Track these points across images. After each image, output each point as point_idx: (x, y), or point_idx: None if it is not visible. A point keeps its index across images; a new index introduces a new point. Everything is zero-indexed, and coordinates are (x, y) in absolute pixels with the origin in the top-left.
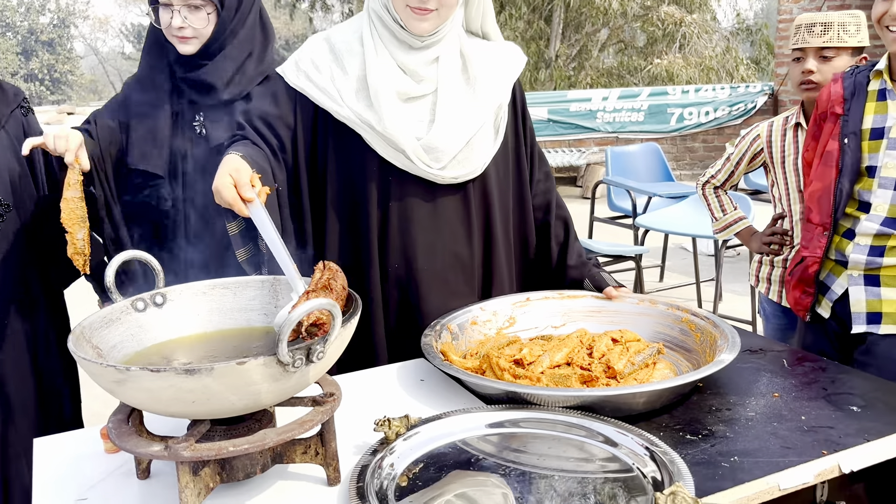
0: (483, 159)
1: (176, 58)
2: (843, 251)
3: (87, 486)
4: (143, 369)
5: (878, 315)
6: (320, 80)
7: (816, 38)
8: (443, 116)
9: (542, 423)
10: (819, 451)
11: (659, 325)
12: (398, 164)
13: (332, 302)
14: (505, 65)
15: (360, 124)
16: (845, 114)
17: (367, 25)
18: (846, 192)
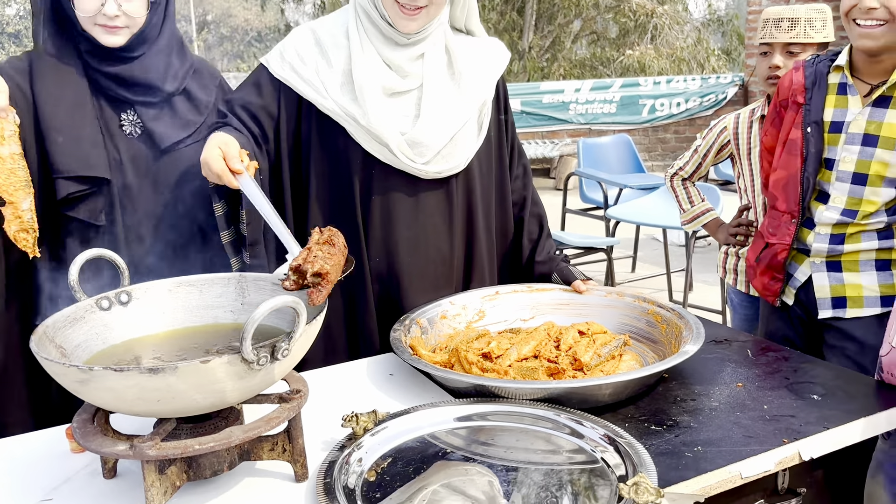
0: (466, 154)
1: (92, 48)
2: (803, 240)
3: (52, 487)
4: (106, 369)
5: (843, 299)
6: (305, 71)
7: (783, 33)
8: (427, 112)
9: (509, 416)
10: (780, 439)
11: (626, 317)
12: (382, 157)
13: (296, 299)
14: (489, 61)
15: (345, 117)
16: (807, 103)
17: (353, 20)
18: (812, 181)
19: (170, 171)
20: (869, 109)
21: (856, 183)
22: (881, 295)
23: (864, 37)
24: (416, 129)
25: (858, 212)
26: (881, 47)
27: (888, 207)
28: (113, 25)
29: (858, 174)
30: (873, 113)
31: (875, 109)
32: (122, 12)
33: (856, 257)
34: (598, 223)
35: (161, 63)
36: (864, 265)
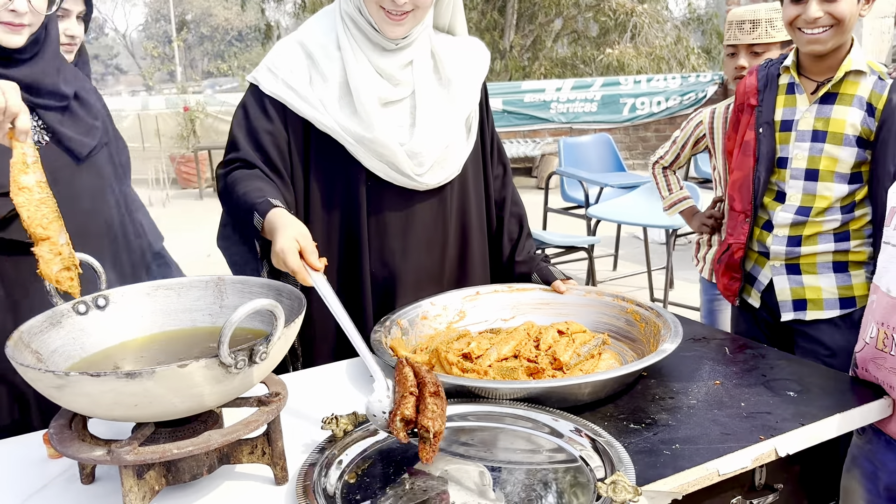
0: (460, 161)
1: None
2: (764, 242)
3: (30, 493)
4: (82, 374)
5: (803, 302)
6: (300, 87)
7: (746, 35)
8: (423, 120)
9: (489, 416)
10: (757, 436)
11: (605, 315)
12: (382, 175)
13: (273, 303)
14: (473, 63)
15: (344, 136)
16: (759, 105)
17: (341, 28)
18: (763, 180)
19: (86, 181)
20: (816, 107)
21: (809, 179)
22: (839, 297)
23: (811, 42)
24: (414, 139)
25: (812, 208)
26: (829, 50)
27: (843, 205)
28: (19, 23)
29: (810, 170)
30: (820, 110)
31: (822, 106)
32: (31, 8)
33: (813, 259)
34: (579, 222)
35: (56, 63)
36: (822, 267)
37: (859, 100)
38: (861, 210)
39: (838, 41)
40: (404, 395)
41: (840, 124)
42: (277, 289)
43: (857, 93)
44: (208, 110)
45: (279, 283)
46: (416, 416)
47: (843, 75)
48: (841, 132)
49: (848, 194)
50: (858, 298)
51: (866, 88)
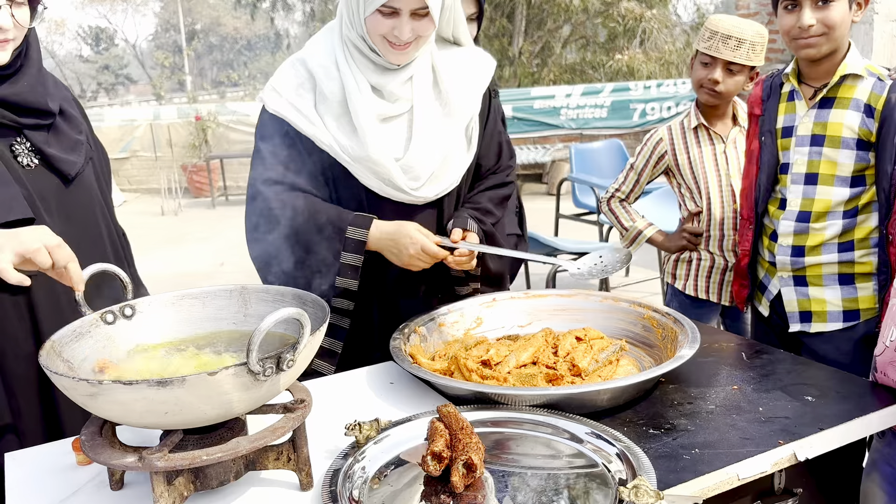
0: (458, 173)
1: None
2: (773, 252)
3: (60, 500)
4: (115, 382)
5: (809, 314)
6: (304, 106)
7: (730, 51)
8: (419, 135)
9: (509, 423)
10: (776, 440)
11: (622, 321)
12: (378, 191)
13: (300, 311)
14: (475, 74)
15: (342, 155)
16: (763, 114)
17: (340, 51)
18: (764, 187)
19: (77, 201)
20: (814, 111)
21: (808, 183)
22: (843, 310)
23: (805, 47)
24: (409, 153)
25: (812, 213)
26: (823, 55)
27: (845, 209)
28: (2, 39)
29: (810, 174)
30: (819, 114)
31: (820, 111)
32: (15, 23)
33: (819, 271)
34: (591, 228)
35: (40, 79)
36: (828, 279)
37: (857, 102)
38: (865, 216)
39: (832, 46)
40: (434, 439)
41: (837, 128)
42: (301, 297)
43: (854, 96)
44: (219, 119)
45: (302, 291)
46: (450, 453)
47: (840, 79)
48: (839, 135)
49: (850, 198)
50: (863, 311)
51: (865, 91)
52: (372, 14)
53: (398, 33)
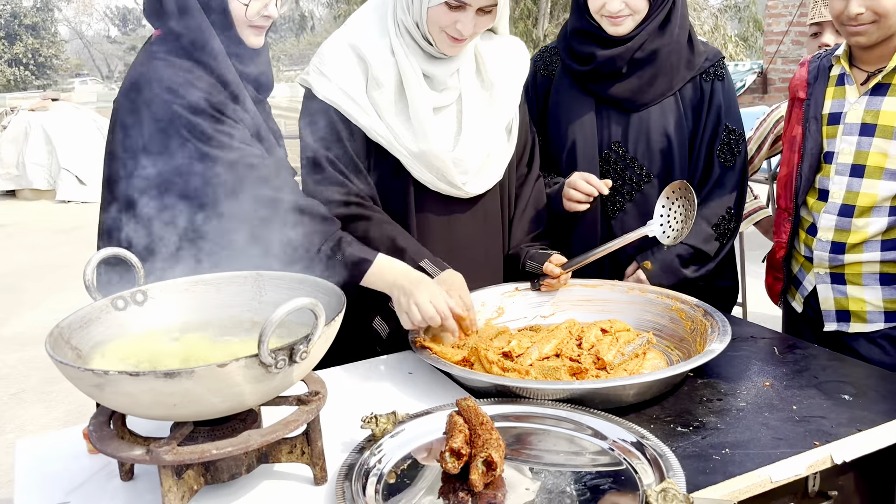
0: (502, 166)
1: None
2: (810, 247)
3: (70, 489)
4: (121, 373)
5: (847, 313)
6: (356, 93)
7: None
8: (468, 127)
9: (531, 417)
10: (811, 441)
11: (649, 313)
12: (430, 185)
13: (314, 301)
14: (515, 65)
15: (399, 149)
16: (808, 98)
17: (394, 33)
18: (805, 177)
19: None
20: (866, 98)
21: (854, 175)
22: (885, 310)
23: (854, 34)
24: (459, 146)
25: (855, 207)
26: (874, 42)
27: (893, 205)
28: (261, 26)
29: (856, 166)
30: (871, 101)
31: (872, 98)
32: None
33: (859, 269)
34: None
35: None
36: (868, 278)
37: None
38: None
39: (884, 34)
40: (453, 434)
41: (891, 117)
42: (317, 285)
43: None
44: None
45: (318, 279)
46: (469, 450)
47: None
48: (892, 125)
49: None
50: None
51: None
52: (438, 5)
53: (461, 28)
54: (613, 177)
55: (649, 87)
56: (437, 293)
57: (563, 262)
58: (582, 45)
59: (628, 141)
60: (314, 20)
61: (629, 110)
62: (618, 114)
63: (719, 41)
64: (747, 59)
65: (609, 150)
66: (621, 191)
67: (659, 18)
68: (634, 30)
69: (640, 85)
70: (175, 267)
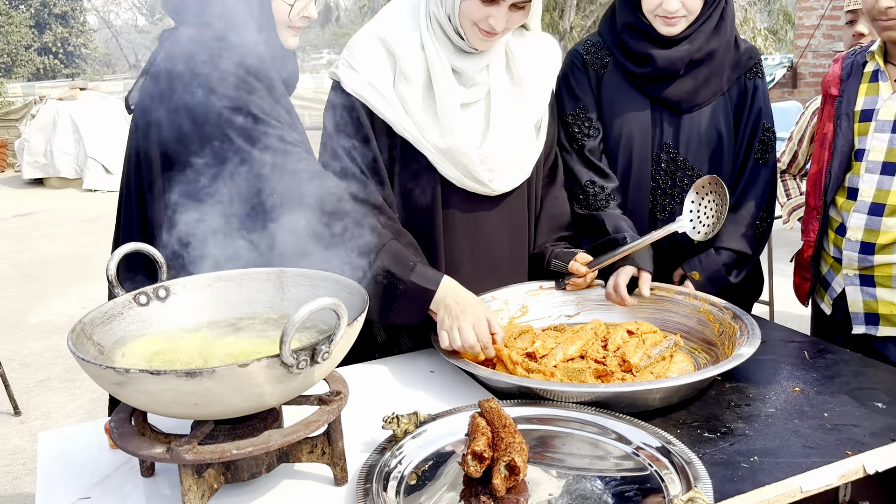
0: (530, 164)
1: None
2: (839, 247)
3: (92, 483)
4: (142, 372)
5: (875, 316)
6: (383, 87)
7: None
8: (496, 124)
9: (555, 420)
10: (843, 451)
11: (676, 314)
12: (457, 182)
13: (336, 301)
14: (546, 62)
15: (426, 145)
16: (840, 95)
17: (425, 27)
18: (835, 175)
19: None
20: None
21: (885, 173)
22: None
23: (886, 29)
24: (486, 143)
25: (886, 206)
26: None
27: None
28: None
29: (888, 163)
30: None
31: None
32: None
33: (889, 271)
34: None
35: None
36: None
37: None
38: None
39: None
40: (475, 437)
41: None
42: (339, 283)
43: None
44: None
45: (340, 277)
46: (492, 453)
47: None
48: None
49: None
50: None
51: None
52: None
53: (493, 23)
54: (664, 179)
55: (704, 87)
56: (481, 318)
57: (589, 260)
58: (636, 43)
59: (679, 142)
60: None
61: (681, 111)
62: (670, 115)
63: (748, 34)
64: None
65: (660, 151)
66: (671, 193)
67: (714, 18)
68: (686, 30)
69: (695, 86)
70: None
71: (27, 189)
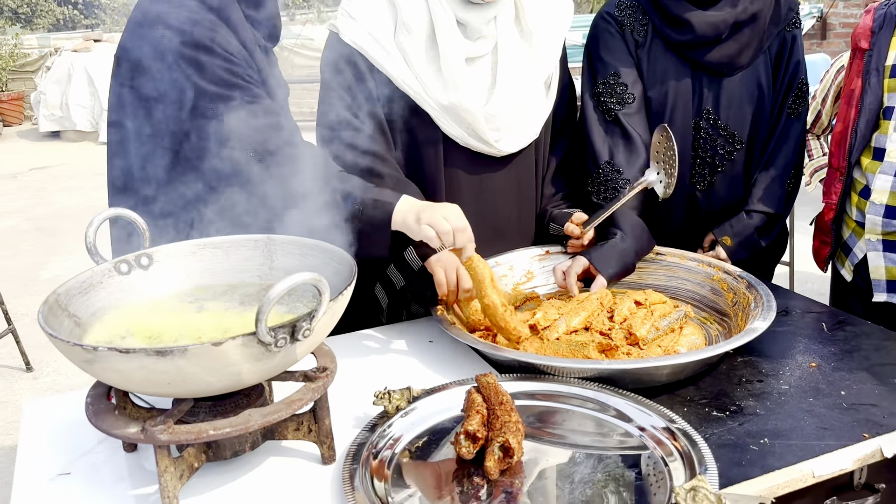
0: (538, 122)
1: None
2: (862, 210)
3: (73, 458)
4: (111, 350)
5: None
6: (384, 38)
7: None
8: (503, 80)
9: (556, 396)
10: (859, 433)
11: (688, 282)
12: (460, 141)
13: (317, 276)
14: (557, 14)
15: (429, 101)
16: (870, 48)
17: None
18: (861, 134)
19: None
20: None
21: None
22: None
23: None
24: (493, 100)
25: None
26: None
27: None
28: None
29: None
30: None
31: None
32: None
33: None
34: None
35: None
36: None
37: None
38: None
39: None
40: (470, 415)
41: None
42: (329, 252)
43: None
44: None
45: (331, 245)
46: (486, 432)
47: None
48: None
49: None
50: None
51: None
52: None
53: None
54: (703, 148)
55: (747, 49)
56: (452, 208)
57: (584, 219)
58: (675, 4)
59: (720, 107)
60: None
61: (723, 74)
62: (709, 79)
63: None
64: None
65: (699, 119)
66: (712, 162)
67: None
68: None
69: (738, 49)
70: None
71: (44, 142)
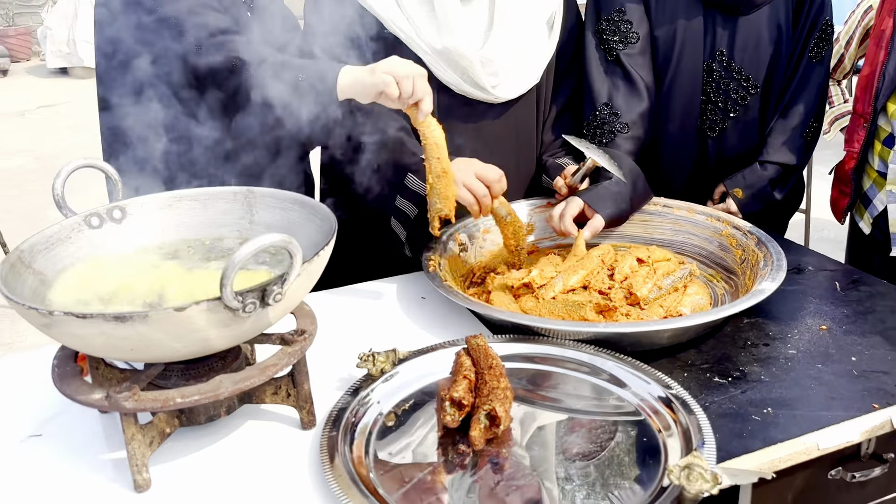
0: (539, 67)
1: None
2: (885, 160)
3: (45, 419)
4: (67, 315)
5: None
6: None
7: None
8: (501, 21)
9: (550, 360)
10: (869, 403)
11: (694, 237)
12: (455, 88)
13: (287, 238)
14: None
15: (422, 46)
16: None
17: None
18: (890, 78)
19: None
20: None
21: None
22: None
23: None
24: (489, 44)
25: None
26: None
27: None
28: None
29: None
30: None
31: None
32: None
33: None
34: None
35: None
36: None
37: None
38: None
39: None
40: (456, 380)
41: None
42: (311, 207)
43: None
44: None
45: (314, 201)
46: (472, 399)
47: None
48: None
49: None
50: None
51: None
52: None
53: None
54: (716, 92)
55: None
56: (407, 61)
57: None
58: None
59: (734, 49)
60: None
61: (739, 12)
62: (724, 18)
63: None
64: None
65: (712, 61)
66: (724, 107)
67: None
68: None
69: None
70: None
71: (52, 78)
